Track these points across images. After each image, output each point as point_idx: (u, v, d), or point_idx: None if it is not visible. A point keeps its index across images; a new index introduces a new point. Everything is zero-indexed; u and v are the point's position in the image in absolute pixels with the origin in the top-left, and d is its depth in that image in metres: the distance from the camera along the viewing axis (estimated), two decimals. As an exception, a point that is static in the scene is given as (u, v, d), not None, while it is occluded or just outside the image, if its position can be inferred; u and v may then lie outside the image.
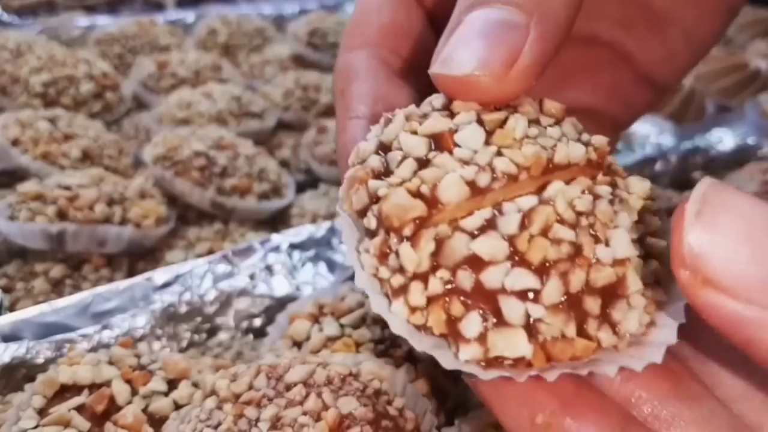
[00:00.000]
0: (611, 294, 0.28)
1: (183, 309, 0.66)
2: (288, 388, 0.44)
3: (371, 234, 0.30)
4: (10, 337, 0.59)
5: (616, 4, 0.44)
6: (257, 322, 0.70)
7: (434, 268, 0.28)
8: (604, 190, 0.30)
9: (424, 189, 0.29)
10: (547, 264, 0.27)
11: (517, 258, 0.27)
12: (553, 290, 0.27)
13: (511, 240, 0.27)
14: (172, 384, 0.51)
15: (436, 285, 0.28)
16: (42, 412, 0.48)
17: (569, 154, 0.30)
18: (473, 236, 0.27)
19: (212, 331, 0.68)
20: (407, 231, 0.29)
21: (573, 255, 0.28)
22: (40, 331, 0.60)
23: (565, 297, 0.27)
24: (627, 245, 0.29)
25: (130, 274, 0.80)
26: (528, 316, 0.27)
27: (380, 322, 0.57)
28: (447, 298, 0.28)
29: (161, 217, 0.83)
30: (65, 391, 0.50)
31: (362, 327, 0.57)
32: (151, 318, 0.64)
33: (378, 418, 0.43)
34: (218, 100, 1.07)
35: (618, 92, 0.46)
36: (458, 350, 0.28)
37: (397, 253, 0.29)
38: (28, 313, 0.61)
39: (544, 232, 0.27)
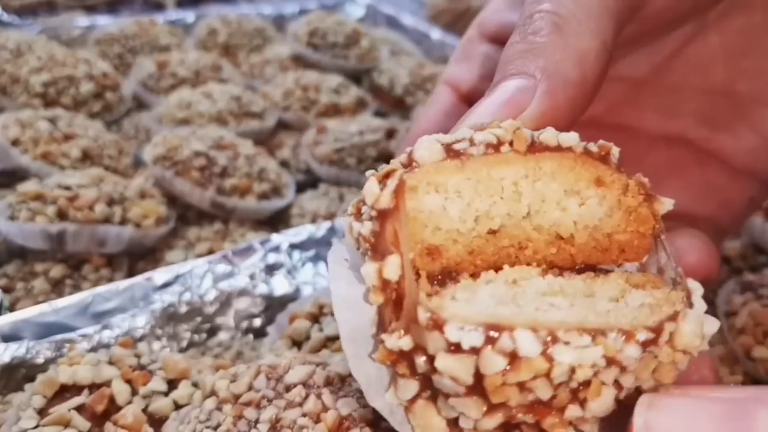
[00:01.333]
0: None
1: (183, 309, 0.66)
2: (288, 389, 0.44)
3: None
4: (10, 337, 0.59)
5: (697, 98, 0.43)
6: (257, 322, 0.70)
7: (405, 328, 0.26)
8: (632, 352, 0.25)
9: (403, 157, 0.30)
10: (500, 405, 0.25)
11: (476, 390, 0.25)
12: (489, 424, 0.26)
13: (484, 378, 0.25)
14: (172, 384, 0.51)
15: (393, 343, 0.26)
16: (42, 412, 0.48)
17: (559, 137, 0.30)
18: (450, 349, 0.25)
19: (212, 331, 0.68)
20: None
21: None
22: (40, 331, 0.60)
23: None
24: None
25: (130, 274, 0.80)
26: (455, 420, 0.26)
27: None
28: (399, 357, 0.27)
29: (161, 217, 0.83)
30: (65, 391, 0.49)
31: (362, 327, 0.57)
32: (151, 318, 0.64)
33: (377, 420, 0.43)
34: (218, 100, 1.07)
35: (711, 190, 0.43)
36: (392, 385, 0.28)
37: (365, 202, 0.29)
38: (28, 313, 0.61)
39: (521, 384, 0.25)
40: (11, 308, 0.70)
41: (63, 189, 0.78)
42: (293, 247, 0.73)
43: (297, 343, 0.58)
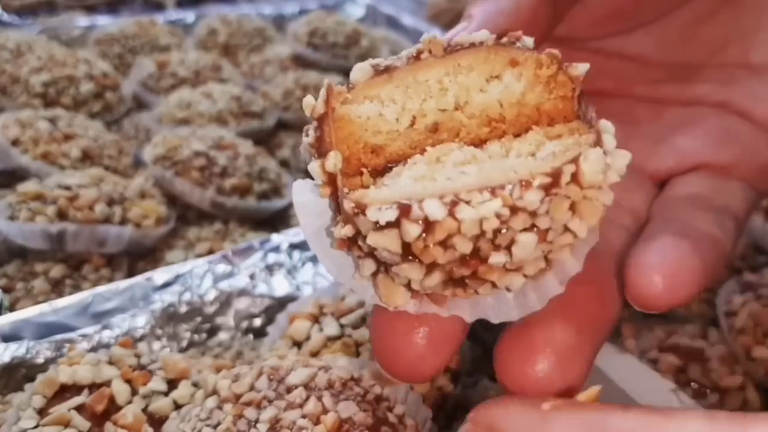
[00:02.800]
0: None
1: (183, 309, 0.66)
2: (289, 390, 0.44)
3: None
4: (10, 337, 0.59)
5: (711, 71, 0.43)
6: (257, 322, 0.70)
7: (345, 218, 0.29)
8: (532, 197, 0.27)
9: (325, 92, 0.33)
10: (434, 264, 0.28)
11: (409, 255, 0.28)
12: (434, 281, 0.29)
13: (410, 244, 0.28)
14: (172, 384, 0.51)
15: (338, 232, 0.29)
16: (42, 412, 0.48)
17: (470, 36, 0.33)
18: (375, 227, 0.28)
19: (212, 331, 0.68)
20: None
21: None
22: (40, 331, 0.60)
23: (444, 281, 0.29)
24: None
25: (130, 274, 0.80)
26: (409, 284, 0.30)
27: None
28: (349, 242, 0.30)
29: (161, 217, 0.83)
30: (65, 391, 0.50)
31: (362, 327, 0.57)
32: (151, 318, 0.64)
33: (377, 425, 0.43)
34: (218, 100, 1.07)
35: (731, 136, 0.41)
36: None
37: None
38: (28, 313, 0.61)
39: (442, 243, 0.28)
40: (11, 308, 0.70)
41: (63, 189, 0.78)
42: (293, 247, 0.73)
43: (297, 343, 0.58)
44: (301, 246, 0.74)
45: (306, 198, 0.33)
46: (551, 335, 0.32)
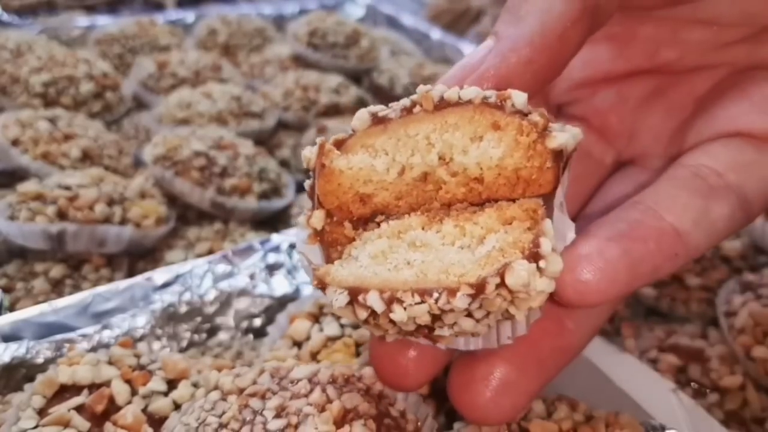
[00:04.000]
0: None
1: (183, 309, 0.66)
2: (293, 383, 0.45)
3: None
4: (10, 337, 0.59)
5: (742, 32, 0.42)
6: (257, 322, 0.70)
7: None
8: (460, 303, 0.30)
9: (318, 147, 0.36)
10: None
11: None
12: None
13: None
14: (172, 384, 0.51)
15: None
16: (42, 412, 0.48)
17: (460, 93, 0.34)
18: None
19: (212, 331, 0.68)
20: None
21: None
22: (40, 331, 0.60)
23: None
24: None
25: (130, 274, 0.80)
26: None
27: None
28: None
29: (161, 217, 0.83)
30: (65, 391, 0.50)
31: (362, 327, 0.57)
32: (151, 318, 0.64)
33: (380, 416, 0.43)
34: (218, 100, 1.07)
35: None
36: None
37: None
38: (28, 313, 0.61)
39: (390, 321, 0.31)
40: (11, 308, 0.70)
41: (63, 189, 0.78)
42: (293, 247, 0.73)
43: (297, 343, 0.58)
44: (301, 246, 0.74)
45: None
46: (491, 369, 0.35)
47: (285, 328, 0.60)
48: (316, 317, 0.59)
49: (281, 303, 0.69)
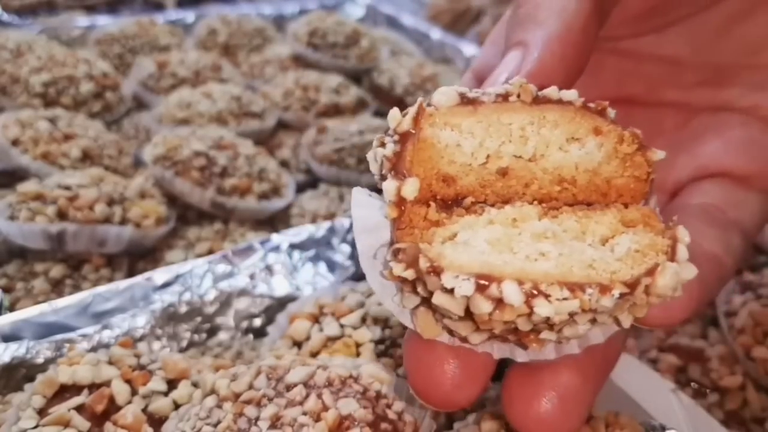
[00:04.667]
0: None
1: (183, 309, 0.66)
2: (288, 388, 0.44)
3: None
4: (10, 337, 0.59)
5: (744, 73, 0.43)
6: (257, 322, 0.70)
7: (409, 262, 0.29)
8: (607, 303, 0.28)
9: (419, 101, 0.33)
10: (488, 330, 0.30)
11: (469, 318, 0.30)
12: (479, 338, 0.31)
13: (474, 315, 0.29)
14: (172, 384, 0.51)
15: (399, 270, 0.30)
16: (42, 412, 0.48)
17: (561, 93, 0.33)
18: (444, 291, 0.28)
19: (212, 331, 0.68)
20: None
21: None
22: (40, 331, 0.60)
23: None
24: None
25: (130, 274, 0.80)
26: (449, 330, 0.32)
27: (380, 323, 0.57)
28: (404, 283, 0.30)
29: (161, 217, 0.83)
30: (65, 391, 0.49)
31: (362, 327, 0.57)
32: (151, 318, 0.64)
33: (377, 421, 0.43)
34: (218, 100, 1.07)
35: (755, 146, 0.42)
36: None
37: (389, 134, 0.33)
38: (28, 313, 0.61)
39: (505, 321, 0.28)
40: (11, 308, 0.70)
41: (63, 189, 0.78)
42: (293, 247, 0.73)
43: (297, 343, 0.58)
44: (301, 246, 0.74)
45: (366, 213, 0.33)
46: (557, 378, 0.33)
47: (285, 328, 0.60)
48: (316, 317, 0.59)
49: (281, 303, 0.69)
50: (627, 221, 0.32)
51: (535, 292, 0.27)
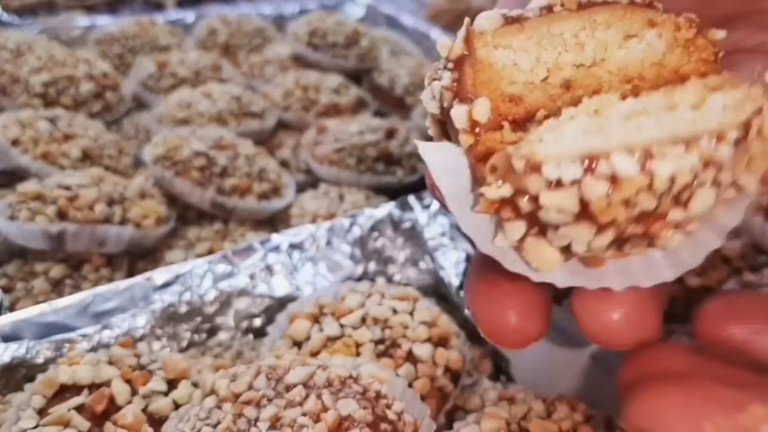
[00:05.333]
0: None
1: (183, 309, 0.66)
2: (288, 389, 0.44)
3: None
4: (10, 337, 0.59)
5: (752, 15, 0.41)
6: (257, 322, 0.70)
7: (503, 177, 0.28)
8: (725, 151, 0.26)
9: (461, 31, 0.31)
10: (612, 222, 0.27)
11: (587, 216, 0.27)
12: (603, 242, 0.28)
13: (589, 203, 0.27)
14: (172, 384, 0.51)
15: (493, 193, 0.28)
16: (42, 412, 0.48)
17: None
18: (549, 185, 0.27)
19: (212, 331, 0.68)
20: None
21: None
22: (40, 331, 0.60)
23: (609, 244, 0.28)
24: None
25: (130, 274, 0.80)
26: (569, 246, 0.29)
27: (380, 322, 0.57)
28: (501, 204, 0.29)
29: (161, 217, 0.83)
30: (65, 391, 0.50)
31: (362, 327, 0.57)
32: (151, 318, 0.64)
33: (377, 422, 0.43)
34: (218, 100, 1.07)
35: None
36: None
37: (440, 63, 0.31)
38: (28, 313, 0.61)
39: (626, 200, 0.27)
40: (11, 308, 0.70)
41: (63, 189, 0.78)
42: (293, 247, 0.73)
43: (297, 343, 0.58)
44: (301, 246, 0.74)
45: (441, 158, 0.31)
46: (624, 297, 0.32)
47: (285, 328, 0.60)
48: (316, 317, 0.59)
49: (281, 303, 0.69)
50: (711, 87, 0.30)
51: (648, 155, 0.26)
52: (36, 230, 0.75)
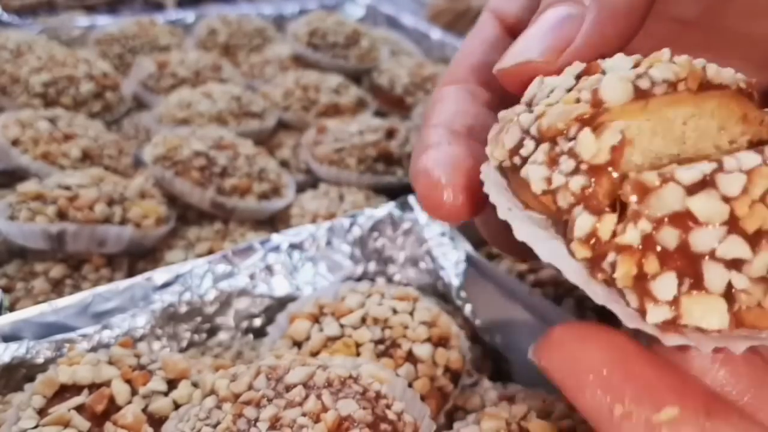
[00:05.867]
0: None
1: (183, 309, 0.66)
2: (288, 389, 0.44)
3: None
4: (10, 337, 0.59)
5: (746, 44, 0.42)
6: (257, 322, 0.70)
7: (635, 216, 0.27)
8: None
9: (585, 95, 0.29)
10: (761, 233, 0.26)
11: (733, 224, 0.26)
12: (761, 263, 0.26)
13: (730, 203, 0.26)
14: (172, 384, 0.51)
15: (633, 235, 0.26)
16: (42, 412, 0.48)
17: (720, 72, 0.31)
18: (689, 191, 0.26)
19: (212, 331, 0.68)
20: (574, 131, 0.28)
21: None
22: (40, 331, 0.60)
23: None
24: None
25: (130, 274, 0.80)
26: (730, 285, 0.26)
27: (380, 322, 0.57)
28: (643, 252, 0.26)
29: (161, 217, 0.83)
30: (65, 391, 0.50)
31: (362, 327, 0.57)
32: (151, 318, 0.64)
33: (377, 422, 0.43)
34: (218, 100, 1.07)
35: None
36: (645, 310, 0.26)
37: (570, 151, 0.28)
38: (28, 313, 0.61)
39: (764, 198, 0.25)
40: (11, 308, 0.70)
41: (63, 189, 0.78)
42: (293, 247, 0.73)
43: (297, 343, 0.58)
44: (301, 246, 0.74)
45: (548, 246, 0.29)
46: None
47: (285, 328, 0.60)
48: (316, 317, 0.59)
49: (281, 303, 0.69)
50: None
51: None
52: (36, 230, 0.75)
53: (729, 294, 0.26)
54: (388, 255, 0.77)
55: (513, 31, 0.47)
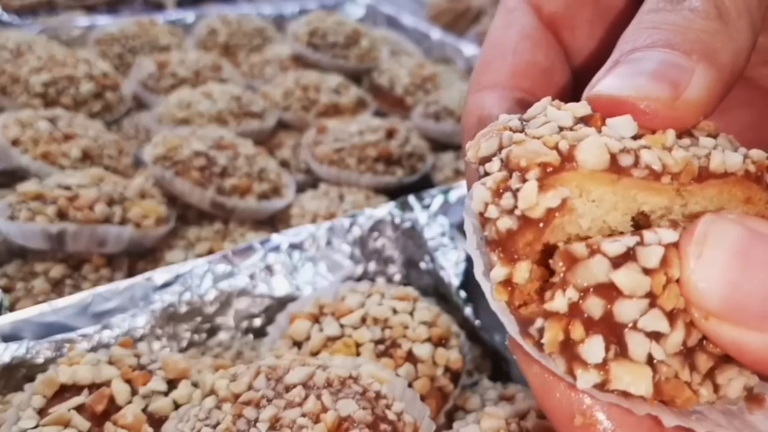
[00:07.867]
0: (723, 358, 0.28)
1: (183, 309, 0.66)
2: (287, 389, 0.44)
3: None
4: (10, 337, 0.59)
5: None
6: (257, 322, 0.70)
7: (563, 284, 0.27)
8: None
9: (563, 145, 0.29)
10: (677, 311, 0.27)
11: (653, 298, 0.27)
12: (677, 338, 0.27)
13: (650, 275, 0.27)
14: (172, 384, 0.51)
15: (560, 302, 0.27)
16: (42, 412, 0.48)
17: (725, 162, 0.30)
18: (614, 264, 0.27)
19: (212, 331, 0.68)
20: (532, 174, 0.28)
21: None
22: (40, 331, 0.60)
23: (683, 347, 0.27)
24: None
25: (130, 274, 0.80)
26: (650, 356, 0.27)
27: (380, 322, 0.57)
28: (570, 319, 0.27)
29: (161, 217, 0.83)
30: (65, 391, 0.50)
31: (362, 327, 0.57)
32: (151, 318, 0.64)
33: (377, 422, 0.43)
34: (218, 100, 1.07)
35: (755, 129, 0.40)
36: (574, 375, 0.27)
37: (515, 193, 0.28)
38: (28, 313, 0.61)
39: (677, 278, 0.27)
40: (11, 308, 0.70)
41: (63, 189, 0.78)
42: (293, 247, 0.73)
43: (297, 343, 0.58)
44: (301, 246, 0.74)
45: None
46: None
47: (285, 328, 0.60)
48: (316, 317, 0.59)
49: (281, 303, 0.69)
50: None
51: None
52: (36, 230, 0.75)
53: (651, 364, 0.27)
54: (388, 255, 0.77)
55: (552, 24, 0.43)
